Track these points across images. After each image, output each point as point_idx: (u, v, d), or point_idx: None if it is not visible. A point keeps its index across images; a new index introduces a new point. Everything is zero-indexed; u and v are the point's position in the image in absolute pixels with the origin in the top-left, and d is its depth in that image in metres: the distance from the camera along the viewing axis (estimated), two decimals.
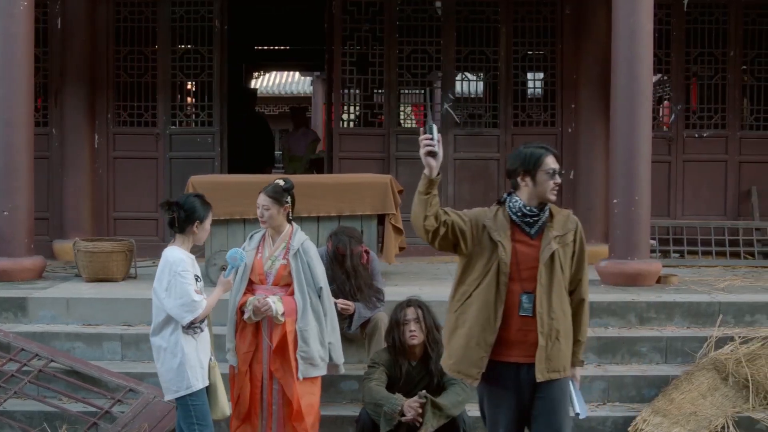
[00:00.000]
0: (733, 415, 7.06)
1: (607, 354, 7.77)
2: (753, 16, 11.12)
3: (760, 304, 8.22)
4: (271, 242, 6.53)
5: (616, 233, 9.00)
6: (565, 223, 5.04)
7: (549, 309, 4.96)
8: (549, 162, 4.98)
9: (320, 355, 6.46)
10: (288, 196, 6.53)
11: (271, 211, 6.44)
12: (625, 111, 8.89)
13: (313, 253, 6.55)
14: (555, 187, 4.98)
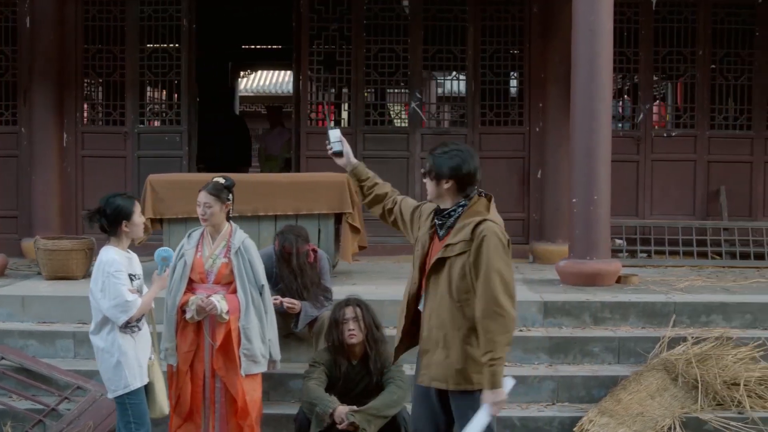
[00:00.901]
0: (681, 416, 7.03)
1: (559, 354, 7.74)
2: (722, 15, 11.07)
3: (715, 304, 8.18)
4: (210, 241, 6.51)
5: (575, 233, 8.98)
6: (465, 231, 4.78)
7: (430, 315, 4.91)
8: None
9: (261, 353, 6.46)
10: (229, 193, 6.53)
11: (213, 208, 6.43)
12: (584, 110, 8.86)
13: (254, 251, 6.54)
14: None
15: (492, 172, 10.92)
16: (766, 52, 11.09)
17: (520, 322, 7.99)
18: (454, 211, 4.87)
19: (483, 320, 4.69)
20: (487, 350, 4.68)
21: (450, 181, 4.86)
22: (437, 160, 4.92)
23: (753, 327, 8.07)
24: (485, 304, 4.68)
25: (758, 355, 7.56)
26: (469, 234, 4.74)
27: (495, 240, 4.70)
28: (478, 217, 4.78)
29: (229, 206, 6.54)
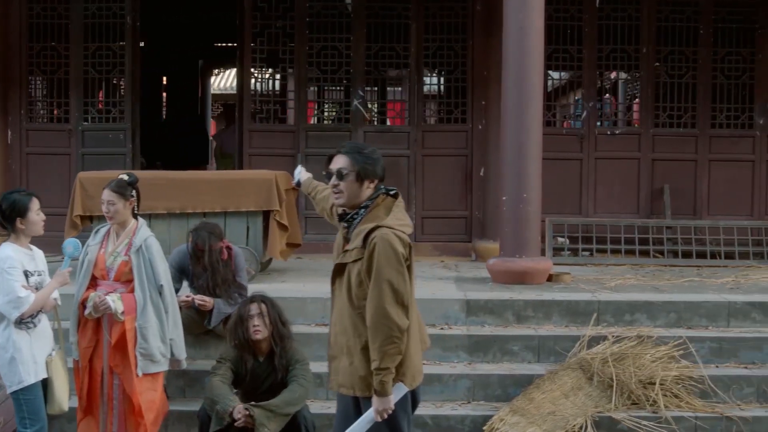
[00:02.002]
0: (594, 415, 6.98)
1: (478, 352, 7.68)
2: (666, 13, 11.03)
3: (640, 303, 8.12)
4: (115, 237, 6.47)
5: (505, 231, 8.94)
6: (360, 238, 4.68)
7: (335, 321, 4.87)
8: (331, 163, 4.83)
9: (161, 352, 6.40)
10: (132, 190, 6.48)
11: (116, 206, 6.38)
12: (514, 108, 8.82)
13: (155, 249, 6.49)
14: (332, 188, 4.84)
15: (435, 170, 10.96)
16: (710, 49, 11.06)
17: (442, 320, 8.01)
18: (356, 214, 4.76)
19: (371, 330, 4.62)
20: (374, 359, 4.61)
21: (374, 182, 4.76)
22: (364, 159, 4.74)
23: (677, 326, 8.01)
24: (373, 313, 4.60)
25: (677, 355, 7.52)
26: (362, 241, 4.64)
27: (386, 248, 4.57)
28: (373, 224, 4.65)
29: (134, 203, 6.49)
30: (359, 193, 4.74)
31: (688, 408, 7.15)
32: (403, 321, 4.61)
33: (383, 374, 4.59)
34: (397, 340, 4.60)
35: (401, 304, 4.60)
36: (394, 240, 4.60)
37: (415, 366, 4.82)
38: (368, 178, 4.73)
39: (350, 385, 4.77)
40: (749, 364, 7.67)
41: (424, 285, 8.91)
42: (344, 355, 4.79)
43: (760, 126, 11.09)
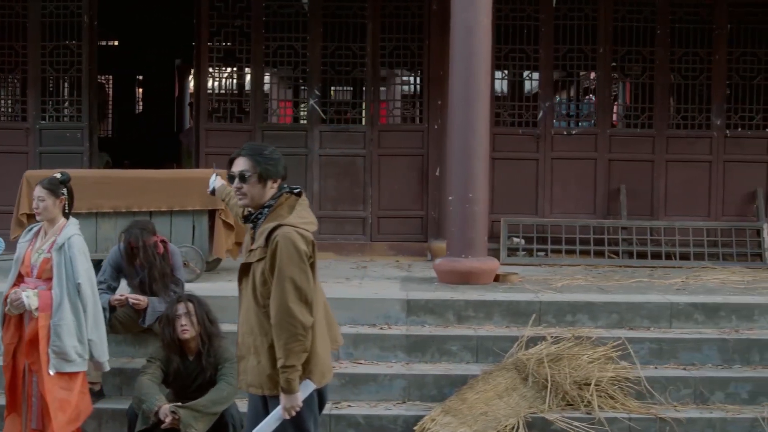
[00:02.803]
0: (527, 416, 6.96)
1: (416, 352, 7.65)
2: (623, 13, 10.99)
3: (581, 304, 8.09)
4: (44, 235, 6.50)
5: (452, 231, 8.93)
6: (263, 236, 4.69)
7: (242, 321, 4.87)
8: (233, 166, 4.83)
9: (77, 351, 6.37)
10: (64, 188, 6.49)
11: (45, 202, 6.40)
12: (461, 108, 8.82)
13: (78, 248, 6.47)
14: (234, 191, 4.85)
15: (392, 169, 10.95)
16: (668, 50, 11.02)
17: (382, 320, 7.99)
18: (260, 213, 4.77)
19: (275, 328, 4.62)
20: (280, 356, 4.63)
21: (277, 182, 4.77)
22: (265, 160, 4.74)
23: (619, 327, 7.99)
24: (277, 311, 4.61)
25: (615, 356, 7.50)
26: (264, 240, 4.65)
27: (288, 246, 4.58)
28: (275, 222, 4.66)
29: (64, 201, 6.50)
30: (263, 194, 4.76)
31: (623, 409, 7.13)
32: (307, 318, 4.62)
33: (289, 372, 4.60)
34: (301, 338, 4.61)
35: (304, 301, 4.62)
36: (296, 238, 4.61)
37: (324, 364, 4.83)
38: (271, 179, 4.74)
39: (258, 384, 4.78)
40: (689, 365, 7.66)
41: (368, 285, 8.94)
42: (252, 355, 4.79)
43: (718, 127, 11.05)
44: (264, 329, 4.71)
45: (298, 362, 4.62)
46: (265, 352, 4.72)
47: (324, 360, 4.83)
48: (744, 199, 11.04)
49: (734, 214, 11.05)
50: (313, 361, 4.73)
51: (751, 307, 8.14)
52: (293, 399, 4.66)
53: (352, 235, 10.99)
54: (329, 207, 10.99)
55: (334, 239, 10.92)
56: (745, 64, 11.10)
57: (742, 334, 7.88)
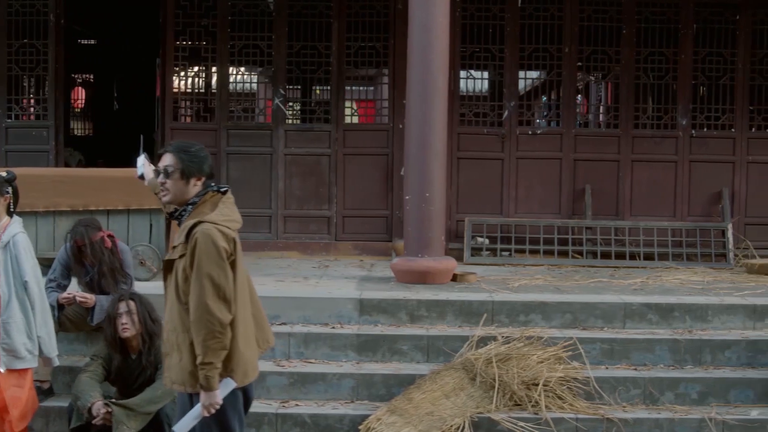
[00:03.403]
0: (473, 416, 6.94)
1: (367, 352, 7.65)
2: (589, 12, 10.97)
3: (534, 304, 8.07)
4: None
5: (408, 230, 8.93)
6: (184, 232, 4.73)
7: (166, 319, 4.88)
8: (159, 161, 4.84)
9: (27, 348, 6.36)
10: (9, 187, 6.47)
11: None
12: (418, 107, 8.81)
13: (23, 246, 6.45)
14: (159, 186, 4.85)
15: (356, 169, 10.94)
16: (633, 49, 11.01)
17: (335, 319, 7.98)
18: (184, 210, 4.80)
19: (194, 324, 4.63)
20: (198, 353, 4.63)
21: (200, 180, 4.78)
22: (184, 158, 4.76)
23: (573, 327, 7.98)
24: (195, 308, 4.62)
25: (566, 356, 7.49)
26: (185, 237, 4.67)
27: (207, 243, 4.59)
28: (196, 219, 4.68)
29: (9, 199, 6.46)
30: (185, 191, 4.78)
31: (570, 409, 7.10)
32: (225, 315, 4.62)
33: (207, 369, 4.61)
34: (219, 335, 4.61)
35: (223, 298, 4.62)
36: (215, 235, 4.62)
37: (247, 362, 4.83)
38: (194, 176, 4.76)
39: (181, 381, 4.78)
40: (640, 365, 7.64)
41: (325, 284, 8.93)
42: (175, 352, 4.79)
43: (683, 126, 11.04)
44: (185, 326, 4.72)
45: (217, 359, 4.62)
46: (187, 349, 4.72)
47: (247, 358, 4.82)
48: (710, 199, 11.03)
49: (700, 215, 11.04)
50: (234, 359, 4.73)
51: (705, 308, 8.12)
52: (212, 396, 4.67)
53: (317, 234, 11.00)
54: (294, 206, 11.00)
55: (299, 238, 10.93)
56: (710, 64, 11.10)
57: (695, 335, 7.85)
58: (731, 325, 8.07)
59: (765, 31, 11.06)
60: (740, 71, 11.06)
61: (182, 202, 4.80)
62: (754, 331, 8.03)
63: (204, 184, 4.80)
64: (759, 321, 8.10)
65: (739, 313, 8.11)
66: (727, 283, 9.28)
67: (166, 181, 4.77)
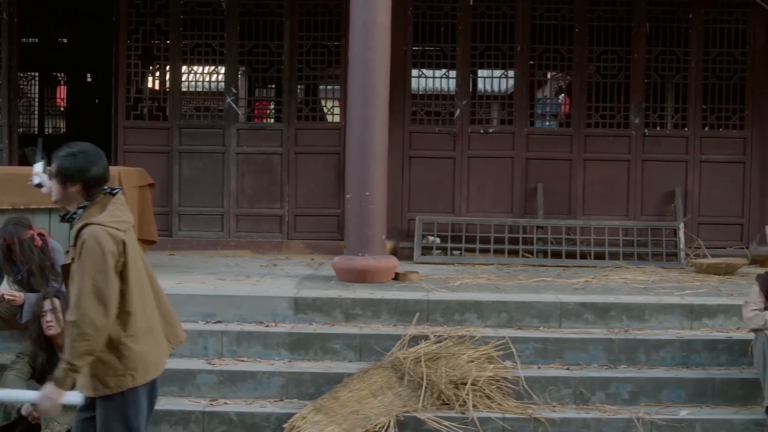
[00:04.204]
0: (399, 415, 6.93)
1: (299, 350, 7.63)
2: (541, 11, 10.95)
3: (470, 303, 8.05)
4: None
5: (349, 229, 8.94)
6: (73, 236, 4.69)
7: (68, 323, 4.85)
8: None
9: None
10: None
11: None
12: (358, 106, 8.81)
13: None
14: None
15: (308, 168, 10.91)
16: (586, 48, 10.99)
17: (270, 317, 7.99)
18: (75, 214, 4.76)
19: (68, 323, 4.62)
20: (65, 351, 4.62)
21: (77, 185, 4.72)
22: (64, 162, 4.72)
23: (508, 326, 7.95)
24: (72, 308, 4.61)
25: (498, 355, 7.48)
26: (74, 239, 4.65)
27: (91, 244, 4.56)
28: (84, 222, 4.65)
29: None
30: (64, 195, 4.76)
31: (498, 409, 7.08)
32: (100, 319, 4.57)
33: (68, 369, 4.59)
34: (89, 338, 4.56)
35: (101, 301, 4.57)
36: (101, 237, 4.58)
37: (148, 361, 4.81)
38: (69, 181, 4.72)
39: (86, 384, 4.78)
40: (574, 365, 7.61)
41: (265, 283, 8.91)
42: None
43: (636, 125, 11.01)
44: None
45: (80, 363, 4.59)
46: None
47: (147, 357, 4.79)
48: (663, 198, 10.99)
49: (653, 214, 11.01)
50: (132, 360, 4.71)
51: (642, 307, 8.10)
52: (56, 393, 4.65)
53: (269, 233, 10.99)
54: (246, 205, 11.00)
55: (252, 237, 10.93)
56: (663, 62, 11.06)
57: (629, 335, 7.84)
58: (668, 325, 8.04)
59: (718, 29, 11.02)
60: (693, 70, 11.02)
61: (69, 205, 4.78)
62: (690, 330, 8.01)
63: (87, 188, 4.73)
64: (696, 321, 8.07)
65: (677, 313, 8.09)
66: (673, 282, 9.25)
67: (51, 185, 4.79)
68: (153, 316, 4.91)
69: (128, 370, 4.72)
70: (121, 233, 4.69)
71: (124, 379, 4.73)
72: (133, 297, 4.75)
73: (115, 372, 4.72)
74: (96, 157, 4.81)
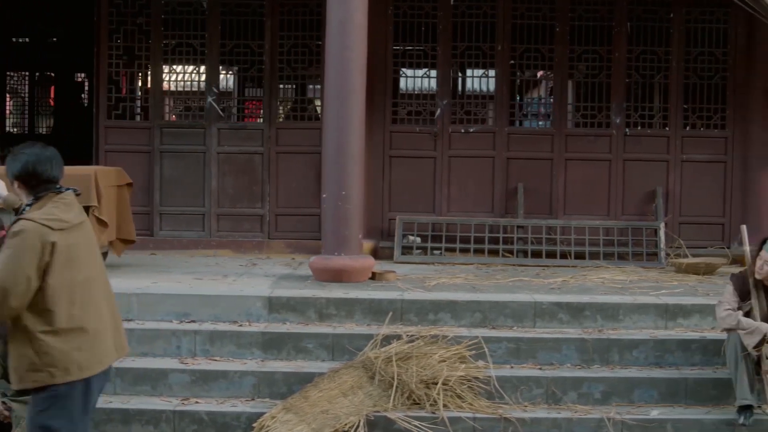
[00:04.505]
0: (370, 414, 6.93)
1: (272, 350, 7.65)
2: (522, 10, 10.94)
3: (444, 302, 8.06)
4: None
5: (325, 228, 8.94)
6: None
7: None
8: None
9: None
10: None
11: None
12: (334, 105, 8.82)
13: None
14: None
15: (290, 167, 10.91)
16: (567, 47, 10.98)
17: (244, 317, 8.01)
18: (23, 210, 4.84)
19: None
20: None
21: (22, 183, 4.84)
22: (9, 162, 4.88)
23: (482, 326, 7.97)
24: None
25: (470, 355, 7.49)
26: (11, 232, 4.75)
27: (14, 236, 4.66)
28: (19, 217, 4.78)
29: None
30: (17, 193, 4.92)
31: (469, 409, 7.09)
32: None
33: None
34: None
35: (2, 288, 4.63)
36: (26, 230, 4.67)
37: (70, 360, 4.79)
38: (15, 180, 4.85)
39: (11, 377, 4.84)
40: (547, 365, 7.62)
41: (241, 282, 8.91)
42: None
43: (617, 125, 10.99)
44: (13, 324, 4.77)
45: None
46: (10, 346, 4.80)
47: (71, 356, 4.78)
48: (644, 198, 10.98)
49: (634, 213, 10.99)
50: (49, 356, 4.73)
51: (617, 307, 8.11)
52: None
53: (250, 232, 11.00)
54: (227, 204, 11.01)
55: (233, 237, 10.94)
56: (644, 62, 11.05)
57: (602, 334, 7.84)
58: (642, 325, 8.05)
59: (699, 29, 11.00)
60: (674, 69, 11.00)
61: (20, 202, 4.94)
62: (665, 330, 8.02)
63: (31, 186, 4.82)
64: (671, 320, 8.08)
65: (651, 313, 8.10)
66: (651, 282, 9.25)
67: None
68: (89, 318, 4.89)
69: (46, 366, 4.74)
70: (52, 232, 4.72)
71: (42, 375, 4.75)
72: (56, 295, 4.75)
73: (33, 366, 4.75)
74: (39, 157, 4.88)
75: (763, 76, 10.77)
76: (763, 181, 10.92)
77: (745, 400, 6.90)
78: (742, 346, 6.92)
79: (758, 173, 10.93)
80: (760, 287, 7.10)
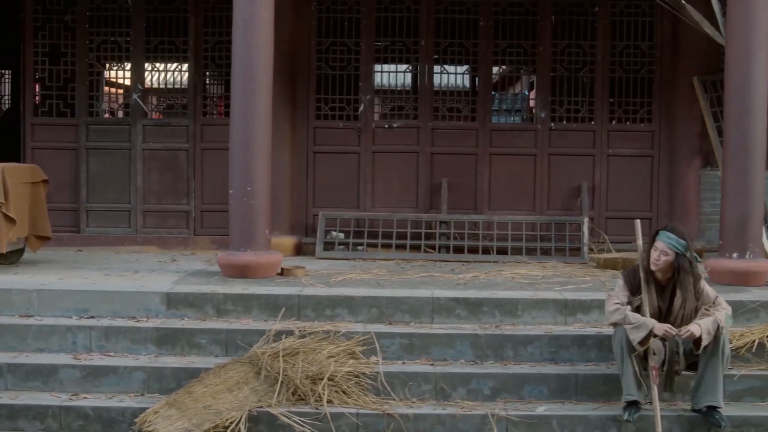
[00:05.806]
0: (252, 410, 6.94)
1: (166, 345, 7.67)
2: (446, 5, 10.93)
3: (341, 298, 8.06)
4: None
5: (232, 224, 8.92)
6: None
7: None
8: None
9: None
10: None
11: None
12: (240, 101, 8.80)
13: None
14: None
15: (215, 164, 10.92)
16: (491, 42, 10.97)
17: (143, 312, 8.03)
18: None
19: None
20: None
21: None
22: None
23: (379, 321, 7.97)
24: None
25: (361, 350, 7.50)
26: None
27: None
28: None
29: None
30: None
31: (354, 404, 7.08)
32: None
33: None
34: None
35: None
36: None
37: None
38: None
39: None
40: (440, 361, 7.60)
41: (149, 278, 8.93)
42: None
43: (542, 119, 10.98)
44: None
45: None
46: None
47: None
48: (570, 193, 10.97)
49: (560, 209, 10.99)
50: None
51: (515, 303, 8.09)
52: None
53: (175, 228, 11.04)
54: (153, 201, 11.05)
55: (158, 233, 10.98)
56: (570, 56, 11.02)
57: (498, 330, 7.82)
58: (541, 320, 8.03)
59: (624, 22, 10.98)
60: (600, 63, 10.99)
61: None
62: (564, 326, 7.99)
63: None
64: (570, 316, 8.06)
65: (550, 308, 8.08)
66: (564, 277, 9.23)
67: None
68: None
69: None
70: None
71: None
72: None
73: None
74: None
75: (688, 69, 10.72)
76: (690, 175, 10.91)
77: (631, 396, 6.88)
78: (629, 341, 6.92)
79: (685, 167, 10.91)
80: (652, 282, 7.08)
